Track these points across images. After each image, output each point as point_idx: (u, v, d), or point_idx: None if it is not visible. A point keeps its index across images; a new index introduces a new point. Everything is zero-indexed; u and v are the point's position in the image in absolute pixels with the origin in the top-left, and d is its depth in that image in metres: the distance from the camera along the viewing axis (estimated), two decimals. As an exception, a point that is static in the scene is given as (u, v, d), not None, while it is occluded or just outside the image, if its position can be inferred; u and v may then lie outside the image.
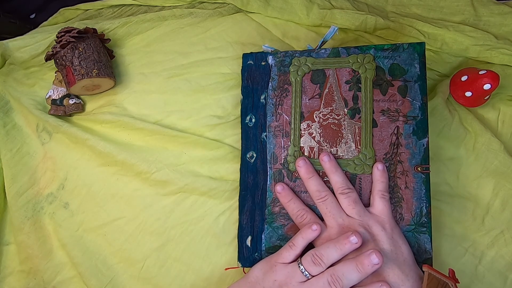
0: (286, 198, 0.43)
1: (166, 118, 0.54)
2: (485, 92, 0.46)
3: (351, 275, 0.36)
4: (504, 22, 0.52)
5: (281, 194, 0.43)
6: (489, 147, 0.47)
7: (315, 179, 0.42)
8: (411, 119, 0.42)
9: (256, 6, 0.57)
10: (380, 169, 0.41)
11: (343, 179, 0.42)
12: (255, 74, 0.48)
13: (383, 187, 0.41)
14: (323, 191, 0.41)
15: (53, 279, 0.51)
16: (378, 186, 0.41)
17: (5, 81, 0.60)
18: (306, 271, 0.37)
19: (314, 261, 0.37)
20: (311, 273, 0.37)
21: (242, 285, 0.39)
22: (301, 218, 0.41)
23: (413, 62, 0.43)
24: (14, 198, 0.54)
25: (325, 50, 0.46)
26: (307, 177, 0.42)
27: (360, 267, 0.36)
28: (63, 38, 0.51)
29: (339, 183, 0.41)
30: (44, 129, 0.57)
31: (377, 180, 0.41)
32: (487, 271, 0.45)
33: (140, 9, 0.63)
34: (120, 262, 0.50)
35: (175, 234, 0.50)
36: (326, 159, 0.42)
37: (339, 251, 0.37)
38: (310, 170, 0.43)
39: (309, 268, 0.37)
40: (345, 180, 0.42)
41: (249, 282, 0.39)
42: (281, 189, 0.43)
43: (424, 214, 0.40)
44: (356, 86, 0.44)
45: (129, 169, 0.52)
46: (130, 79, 0.57)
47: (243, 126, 0.47)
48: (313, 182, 0.42)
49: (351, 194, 0.41)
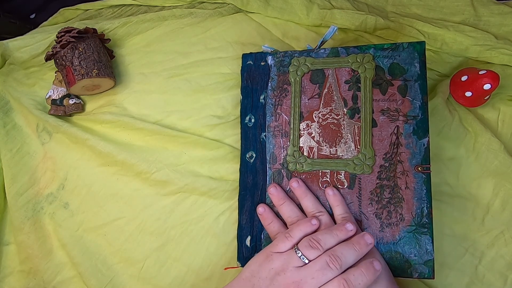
0: (266, 221, 0.43)
1: (166, 118, 0.54)
2: (485, 92, 0.46)
3: (349, 254, 0.36)
4: (504, 22, 0.52)
5: (262, 216, 0.44)
6: (489, 147, 0.47)
7: (286, 205, 0.43)
8: (411, 118, 0.42)
9: (256, 6, 0.57)
10: (331, 194, 0.42)
11: (313, 202, 0.42)
12: (255, 74, 0.48)
13: (341, 209, 0.41)
14: (294, 217, 0.42)
15: (53, 279, 0.51)
16: (337, 211, 0.41)
17: (5, 81, 0.60)
18: (303, 255, 0.37)
19: (312, 245, 0.37)
20: (309, 257, 0.37)
21: (238, 281, 0.39)
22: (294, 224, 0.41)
23: (413, 62, 0.43)
24: (14, 198, 0.54)
25: (324, 50, 0.46)
26: (279, 204, 0.43)
27: (357, 247, 0.37)
28: (63, 38, 0.51)
29: (310, 207, 0.42)
30: (44, 129, 0.57)
31: (333, 206, 0.42)
32: (487, 271, 0.44)
33: (140, 9, 0.63)
34: (120, 262, 0.50)
35: (175, 234, 0.50)
36: (295, 185, 0.43)
37: (336, 237, 0.38)
38: (281, 197, 0.43)
39: (306, 252, 0.37)
40: (315, 203, 0.42)
41: (244, 277, 0.38)
42: (262, 211, 0.44)
43: (425, 214, 0.40)
44: (356, 85, 0.44)
45: (129, 169, 0.52)
46: (130, 79, 0.57)
47: (243, 126, 0.47)
48: (286, 208, 0.43)
49: (322, 217, 0.41)
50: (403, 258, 0.40)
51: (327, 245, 0.37)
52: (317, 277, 0.35)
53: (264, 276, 0.37)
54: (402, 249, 0.40)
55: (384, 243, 0.41)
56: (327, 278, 0.35)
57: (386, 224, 0.41)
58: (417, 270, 0.40)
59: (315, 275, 0.35)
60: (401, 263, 0.40)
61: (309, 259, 0.36)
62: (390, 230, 0.41)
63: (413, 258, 0.40)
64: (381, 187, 0.41)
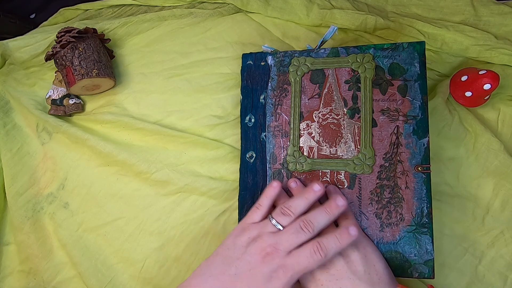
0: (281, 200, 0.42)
1: (166, 118, 0.54)
2: (485, 92, 0.46)
3: (320, 217, 0.38)
4: (504, 22, 0.52)
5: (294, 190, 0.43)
6: (489, 147, 0.47)
7: None
8: (411, 118, 0.42)
9: (256, 6, 0.57)
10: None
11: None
12: (255, 74, 0.48)
13: None
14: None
15: (53, 279, 0.51)
16: None
17: (5, 81, 0.60)
18: (277, 222, 0.38)
19: (284, 212, 0.39)
20: (282, 224, 0.38)
21: (216, 255, 0.38)
22: None
23: (413, 61, 0.43)
24: (14, 198, 0.54)
25: (324, 50, 0.46)
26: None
27: (328, 210, 0.38)
28: (63, 38, 0.51)
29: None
30: (44, 129, 0.57)
31: None
32: (487, 271, 0.44)
33: (140, 9, 0.63)
34: (120, 262, 0.50)
35: (175, 234, 0.50)
36: (293, 185, 0.43)
37: (305, 201, 0.39)
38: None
39: (280, 219, 0.38)
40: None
41: (222, 250, 0.39)
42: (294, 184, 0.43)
43: (425, 214, 0.40)
44: (356, 85, 0.44)
45: (129, 169, 0.52)
46: (130, 79, 0.57)
47: (243, 126, 0.47)
48: None
49: None
50: (403, 258, 0.40)
51: (298, 210, 0.39)
52: (291, 240, 0.37)
53: (240, 245, 0.38)
54: (402, 249, 0.40)
55: (384, 243, 0.41)
56: (301, 241, 0.37)
57: (386, 224, 0.41)
58: (417, 270, 0.40)
59: (289, 238, 0.37)
60: (401, 263, 0.40)
61: (283, 225, 0.38)
62: (390, 230, 0.41)
63: (413, 258, 0.40)
64: (381, 187, 0.41)
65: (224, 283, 0.36)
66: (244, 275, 0.36)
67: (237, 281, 0.36)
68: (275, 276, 0.36)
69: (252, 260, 0.37)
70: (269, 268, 0.36)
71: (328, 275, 0.37)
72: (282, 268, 0.36)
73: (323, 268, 0.37)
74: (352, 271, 0.37)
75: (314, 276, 0.38)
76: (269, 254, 0.36)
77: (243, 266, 0.37)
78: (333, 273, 0.37)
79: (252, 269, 0.36)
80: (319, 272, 0.37)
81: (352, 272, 0.37)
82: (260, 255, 0.37)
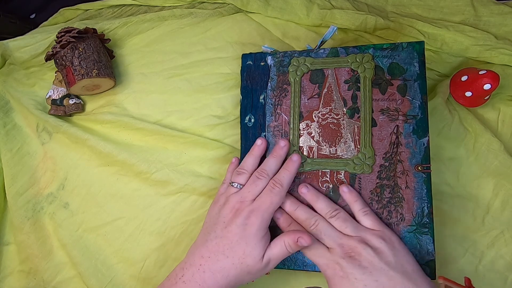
0: (286, 222, 0.42)
1: (166, 118, 0.54)
2: (485, 92, 0.46)
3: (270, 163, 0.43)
4: (504, 22, 0.52)
5: (280, 220, 0.43)
6: (489, 147, 0.47)
7: (301, 208, 0.42)
8: (411, 118, 0.42)
9: (256, 6, 0.57)
10: (346, 191, 0.42)
11: (326, 203, 0.42)
12: (254, 74, 0.48)
13: (360, 205, 0.41)
14: (312, 218, 0.41)
15: (53, 279, 0.51)
16: (355, 207, 0.41)
17: (5, 81, 0.60)
18: (235, 183, 0.43)
19: (238, 172, 0.43)
20: (240, 182, 0.43)
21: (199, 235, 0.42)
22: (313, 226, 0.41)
23: (412, 61, 0.43)
24: (14, 198, 0.54)
25: (324, 50, 0.46)
26: (292, 209, 0.42)
27: (274, 154, 0.43)
28: (63, 38, 0.51)
29: (324, 209, 0.41)
30: (44, 129, 0.57)
31: (350, 202, 0.41)
32: (487, 271, 0.44)
33: (140, 9, 0.63)
34: (120, 262, 0.50)
35: (175, 234, 0.50)
36: (304, 191, 0.43)
37: (253, 157, 0.44)
38: (294, 202, 0.43)
39: (237, 179, 0.43)
40: (329, 204, 0.42)
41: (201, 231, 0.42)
42: (280, 215, 0.43)
43: (426, 214, 0.40)
44: (355, 85, 0.44)
45: (129, 169, 0.52)
46: (130, 79, 0.57)
47: (243, 126, 0.47)
48: (301, 212, 0.42)
49: (340, 214, 0.41)
50: (403, 258, 0.40)
51: (249, 167, 0.44)
52: (252, 190, 0.41)
53: (214, 214, 0.42)
54: (402, 249, 0.40)
55: (384, 243, 0.41)
56: (260, 187, 0.41)
57: (387, 224, 0.41)
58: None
59: (250, 189, 0.41)
60: (401, 263, 0.40)
61: (242, 184, 0.43)
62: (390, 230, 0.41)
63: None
64: (381, 187, 0.41)
65: (209, 248, 0.39)
66: (222, 233, 0.40)
67: (219, 242, 0.39)
68: (248, 222, 0.39)
69: (225, 220, 0.40)
70: (241, 218, 0.39)
71: (361, 268, 0.36)
72: (252, 212, 0.40)
73: (354, 262, 0.37)
74: (384, 262, 0.36)
75: (346, 272, 0.36)
76: (238, 209, 0.40)
77: (220, 227, 0.40)
78: (365, 266, 0.36)
79: (228, 226, 0.40)
80: (350, 266, 0.36)
81: (385, 263, 0.36)
82: (231, 213, 0.41)
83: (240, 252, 0.38)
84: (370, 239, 0.38)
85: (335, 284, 0.37)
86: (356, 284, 0.36)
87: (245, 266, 0.38)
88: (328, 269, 0.38)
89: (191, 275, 0.38)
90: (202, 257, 0.39)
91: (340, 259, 0.37)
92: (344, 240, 0.39)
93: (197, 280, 0.38)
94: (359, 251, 0.37)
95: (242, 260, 0.38)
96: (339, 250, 0.38)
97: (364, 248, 0.37)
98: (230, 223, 0.40)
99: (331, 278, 0.37)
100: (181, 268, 0.39)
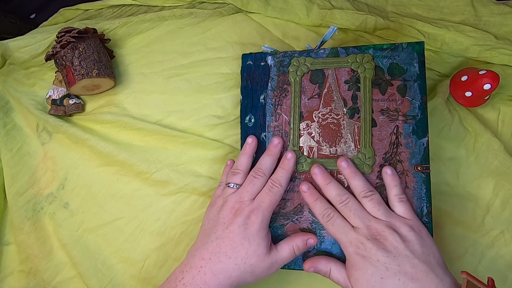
0: (313, 197, 0.42)
1: (166, 118, 0.54)
2: (485, 92, 0.46)
3: (265, 161, 0.43)
4: (504, 22, 0.52)
5: (307, 194, 0.42)
6: (489, 147, 0.47)
7: (333, 183, 0.41)
8: (411, 118, 0.42)
9: (256, 6, 0.57)
10: (389, 173, 0.41)
11: (364, 182, 0.41)
12: (254, 75, 0.48)
13: (398, 190, 0.40)
14: (344, 195, 0.40)
15: (53, 279, 0.51)
16: (393, 191, 0.40)
17: (5, 81, 0.60)
18: (232, 183, 0.43)
19: (233, 173, 0.43)
20: (237, 182, 0.43)
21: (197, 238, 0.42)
22: (328, 217, 0.40)
23: (412, 62, 0.43)
24: (14, 198, 0.54)
25: (324, 50, 0.46)
26: (325, 183, 0.41)
27: (268, 152, 0.43)
28: (63, 38, 0.51)
29: (360, 187, 0.40)
30: (44, 129, 0.57)
31: (390, 186, 0.40)
32: (487, 271, 0.44)
33: (140, 9, 0.63)
34: (120, 262, 0.50)
35: (175, 234, 0.50)
36: (344, 165, 0.42)
37: (245, 156, 0.44)
38: (327, 176, 0.42)
39: (232, 179, 0.43)
40: (366, 183, 0.41)
41: (199, 233, 0.42)
42: (306, 188, 0.42)
43: (425, 214, 0.40)
44: (355, 85, 0.44)
45: (129, 169, 0.52)
46: (130, 79, 0.57)
47: (243, 126, 0.47)
48: (332, 187, 0.41)
49: (374, 196, 0.40)
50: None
51: (243, 166, 0.43)
52: (250, 189, 0.41)
53: (212, 216, 0.42)
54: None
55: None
56: (258, 186, 0.42)
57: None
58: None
59: (247, 188, 0.41)
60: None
61: (238, 184, 0.43)
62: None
63: None
64: (381, 187, 0.41)
65: (209, 249, 0.39)
66: (223, 234, 0.39)
67: (220, 243, 0.39)
68: (249, 222, 0.39)
69: (226, 221, 0.40)
70: (242, 218, 0.39)
71: (385, 251, 0.36)
72: (252, 212, 0.40)
73: (379, 245, 0.36)
74: (410, 250, 0.36)
75: (369, 252, 0.36)
76: (238, 209, 0.40)
77: (220, 228, 0.40)
78: (390, 250, 0.36)
79: (229, 226, 0.40)
80: (374, 248, 0.36)
81: (410, 251, 0.36)
82: (231, 213, 0.40)
83: (243, 252, 0.38)
84: (399, 226, 0.38)
85: (355, 263, 0.37)
86: (377, 265, 0.36)
87: (248, 266, 0.38)
88: (351, 246, 0.37)
89: (192, 277, 0.38)
90: (202, 259, 0.39)
91: (365, 239, 0.37)
92: (372, 222, 0.38)
93: (198, 282, 0.38)
94: (386, 236, 0.37)
95: (245, 260, 0.38)
96: (366, 231, 0.38)
97: (391, 233, 0.37)
98: (230, 223, 0.40)
99: (352, 255, 0.37)
100: (181, 271, 0.39)
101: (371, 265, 0.36)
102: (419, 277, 0.35)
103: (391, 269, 0.35)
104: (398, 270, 0.35)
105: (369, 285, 0.36)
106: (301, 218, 0.43)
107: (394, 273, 0.35)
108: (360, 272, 0.36)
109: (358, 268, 0.37)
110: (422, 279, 0.35)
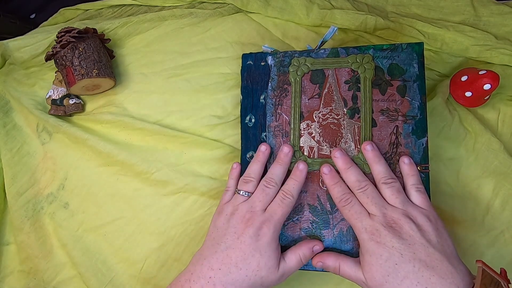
0: (333, 180, 0.42)
1: (166, 118, 0.54)
2: (485, 92, 0.46)
3: (276, 170, 0.42)
4: (504, 22, 0.52)
5: (328, 176, 0.42)
6: (489, 147, 0.47)
7: (354, 168, 0.41)
8: (410, 118, 0.42)
9: (256, 6, 0.57)
10: (407, 162, 0.40)
11: (386, 168, 0.40)
12: (255, 74, 0.48)
13: (415, 180, 0.40)
14: (363, 181, 0.40)
15: (53, 279, 0.51)
16: (410, 181, 0.40)
17: (5, 81, 0.60)
18: (243, 191, 0.42)
19: (245, 180, 0.43)
20: (249, 190, 0.42)
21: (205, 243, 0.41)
22: (345, 202, 0.40)
23: (411, 62, 0.43)
24: (14, 198, 0.54)
25: (324, 50, 0.46)
26: (345, 167, 0.41)
27: (279, 161, 0.43)
28: (63, 38, 0.51)
29: (382, 173, 0.40)
30: (44, 129, 0.57)
31: (407, 175, 0.40)
32: (487, 271, 0.44)
33: (140, 9, 0.63)
34: (120, 262, 0.50)
35: (175, 234, 0.50)
36: (369, 148, 0.41)
37: (258, 163, 0.44)
38: (348, 161, 0.42)
39: (244, 187, 0.42)
40: (388, 170, 0.40)
41: (208, 238, 0.41)
42: (328, 170, 0.42)
43: (424, 214, 0.40)
44: (355, 86, 0.44)
45: (129, 169, 0.52)
46: (130, 79, 0.57)
47: (243, 126, 0.47)
48: (353, 172, 0.41)
49: (395, 184, 0.39)
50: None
51: (256, 173, 0.43)
52: (262, 199, 0.41)
53: (222, 224, 0.41)
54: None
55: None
56: (270, 196, 0.41)
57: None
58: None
59: (259, 198, 0.41)
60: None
61: (250, 192, 0.42)
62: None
63: None
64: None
65: (219, 259, 0.38)
66: (234, 244, 0.38)
67: (231, 253, 0.38)
68: (261, 233, 0.39)
69: (237, 230, 0.39)
70: (254, 229, 0.39)
71: (400, 239, 0.36)
72: (264, 223, 0.39)
73: (394, 232, 0.36)
74: (426, 239, 0.36)
75: (385, 239, 0.36)
76: (249, 219, 0.39)
77: (231, 237, 0.39)
78: (405, 238, 0.36)
79: (240, 236, 0.39)
80: (390, 235, 0.36)
81: (426, 240, 0.36)
82: (242, 223, 0.39)
83: (254, 264, 0.38)
84: (416, 215, 0.37)
85: (370, 249, 0.37)
86: (392, 251, 0.35)
87: (259, 278, 0.38)
88: (366, 233, 0.37)
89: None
90: (211, 269, 0.38)
91: (380, 226, 0.37)
92: (388, 210, 0.38)
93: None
94: (402, 224, 0.37)
95: (256, 272, 0.38)
96: (382, 218, 0.37)
97: (407, 222, 0.37)
98: (242, 233, 0.39)
99: (366, 241, 0.37)
100: (187, 280, 0.38)
101: (386, 251, 0.36)
102: (434, 265, 0.34)
103: (405, 256, 0.35)
104: (413, 257, 0.35)
105: (383, 271, 0.35)
106: (301, 218, 0.43)
107: (408, 259, 0.35)
108: (374, 258, 0.36)
109: (373, 254, 0.36)
110: (437, 267, 0.34)
